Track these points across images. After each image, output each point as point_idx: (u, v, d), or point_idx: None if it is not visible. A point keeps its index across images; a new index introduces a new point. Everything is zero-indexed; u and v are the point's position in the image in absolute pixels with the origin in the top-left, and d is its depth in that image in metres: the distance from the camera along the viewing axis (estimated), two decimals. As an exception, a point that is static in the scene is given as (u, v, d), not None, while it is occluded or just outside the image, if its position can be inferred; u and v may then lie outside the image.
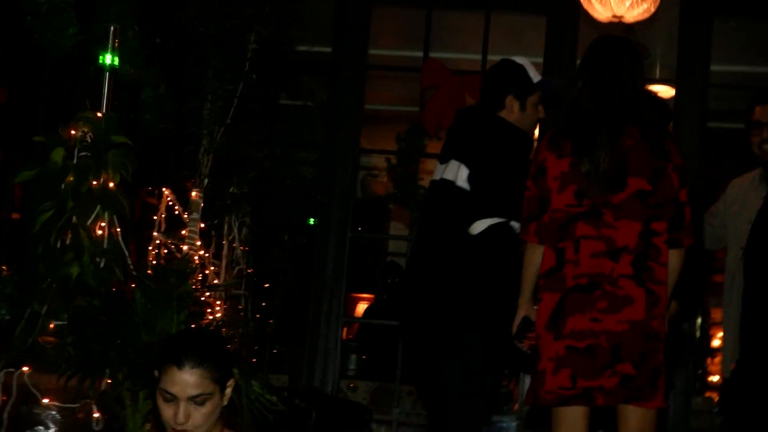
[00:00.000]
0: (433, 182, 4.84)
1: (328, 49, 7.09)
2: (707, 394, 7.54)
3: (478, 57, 6.91)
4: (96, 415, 4.29)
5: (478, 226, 4.51)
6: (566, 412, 4.01)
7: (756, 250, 4.76)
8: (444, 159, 4.76)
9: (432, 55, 6.98)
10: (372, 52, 7.16)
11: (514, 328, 4.22)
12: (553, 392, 3.97)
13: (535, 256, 4.10)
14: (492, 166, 4.58)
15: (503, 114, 4.73)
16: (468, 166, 4.60)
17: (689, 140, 6.51)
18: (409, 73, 7.33)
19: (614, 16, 5.97)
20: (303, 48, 6.98)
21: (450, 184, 4.64)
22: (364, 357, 7.60)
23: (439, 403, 4.70)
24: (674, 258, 4.06)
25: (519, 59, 4.80)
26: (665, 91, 7.72)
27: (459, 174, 4.62)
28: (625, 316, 3.92)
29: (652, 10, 6.04)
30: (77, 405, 4.29)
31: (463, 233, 4.55)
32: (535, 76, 4.76)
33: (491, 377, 4.67)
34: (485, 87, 4.86)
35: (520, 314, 4.20)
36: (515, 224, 4.43)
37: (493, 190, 4.55)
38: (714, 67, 6.85)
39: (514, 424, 6.65)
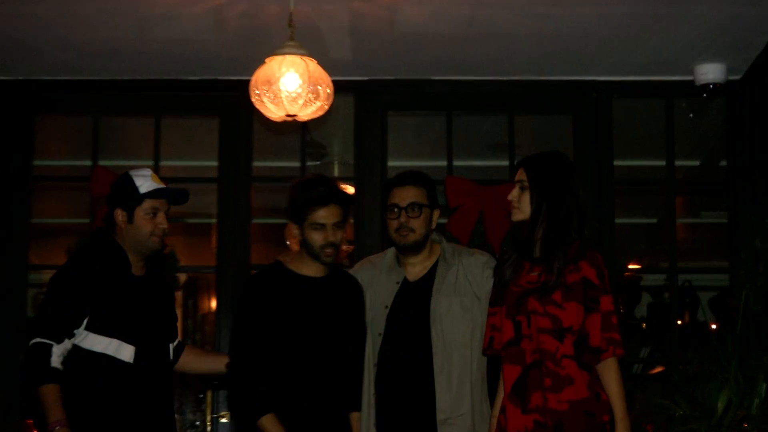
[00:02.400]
0: None
1: (-9, 163, 6.89)
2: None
3: (151, 162, 6.85)
4: None
5: None
6: None
7: (394, 337, 4.88)
8: None
9: (102, 163, 6.89)
10: (38, 163, 7.02)
11: None
12: None
13: None
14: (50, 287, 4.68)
15: (118, 231, 4.73)
16: None
17: (373, 238, 6.69)
18: (78, 182, 7.19)
19: (288, 115, 5.88)
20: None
21: None
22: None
23: None
24: None
25: (136, 172, 4.79)
26: (345, 189, 7.72)
27: None
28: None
29: (326, 107, 5.94)
30: None
31: None
32: (146, 185, 4.71)
33: None
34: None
35: None
36: (59, 348, 4.50)
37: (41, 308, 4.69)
38: (391, 163, 6.93)
39: None
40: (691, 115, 7.33)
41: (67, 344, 4.52)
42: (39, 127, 6.98)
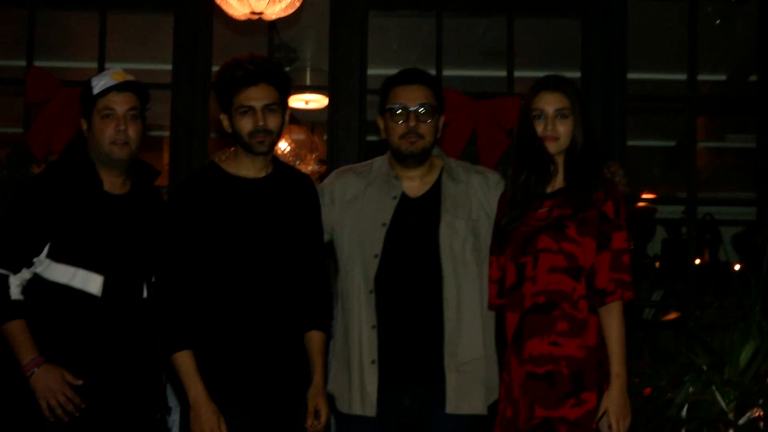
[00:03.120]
0: None
1: None
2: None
3: (95, 65, 6.53)
4: None
5: None
6: None
7: (395, 262, 4.63)
8: None
9: (38, 63, 6.59)
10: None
11: None
12: None
13: None
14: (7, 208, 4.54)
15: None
16: None
17: (349, 158, 6.38)
18: (11, 86, 6.96)
19: (253, 13, 5.77)
20: None
21: None
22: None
23: None
24: None
25: (100, 73, 4.63)
26: (318, 101, 7.52)
27: None
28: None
29: (297, 4, 5.82)
30: None
31: None
32: (101, 84, 4.49)
33: None
34: None
35: None
36: (16, 279, 4.36)
37: None
38: (371, 71, 6.68)
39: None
40: (717, 22, 7.27)
41: (25, 274, 4.34)
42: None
